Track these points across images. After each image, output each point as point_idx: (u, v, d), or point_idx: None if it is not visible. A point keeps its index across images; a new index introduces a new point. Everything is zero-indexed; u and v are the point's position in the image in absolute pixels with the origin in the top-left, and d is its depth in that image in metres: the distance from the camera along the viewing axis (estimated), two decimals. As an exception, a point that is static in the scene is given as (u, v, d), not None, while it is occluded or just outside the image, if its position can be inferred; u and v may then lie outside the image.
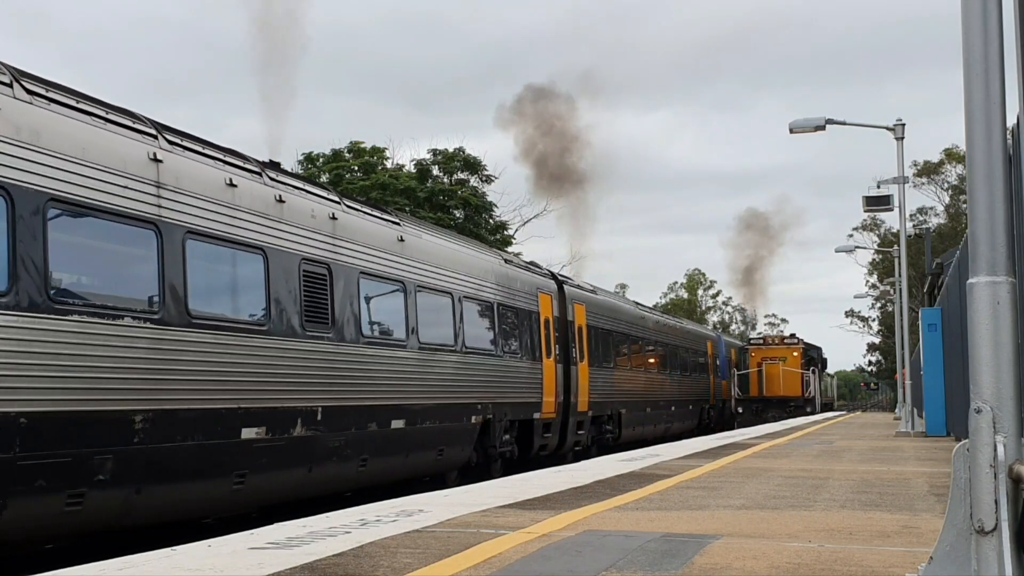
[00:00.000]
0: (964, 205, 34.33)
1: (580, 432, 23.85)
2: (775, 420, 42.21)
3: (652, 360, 32.98)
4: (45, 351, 8.78)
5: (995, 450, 4.26)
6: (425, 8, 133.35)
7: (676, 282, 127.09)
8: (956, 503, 4.34)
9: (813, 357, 50.81)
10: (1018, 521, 4.25)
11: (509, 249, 44.84)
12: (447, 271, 17.25)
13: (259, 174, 12.51)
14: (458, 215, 46.42)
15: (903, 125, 28.21)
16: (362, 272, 14.24)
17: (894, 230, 65.32)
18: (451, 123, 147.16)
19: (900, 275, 40.49)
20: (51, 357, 8.81)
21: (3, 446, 8.23)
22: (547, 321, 21.98)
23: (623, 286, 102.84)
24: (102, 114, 10.04)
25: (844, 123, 28.55)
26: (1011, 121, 8.37)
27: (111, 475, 9.28)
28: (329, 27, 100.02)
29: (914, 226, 70.98)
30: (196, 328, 10.65)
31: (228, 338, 11.19)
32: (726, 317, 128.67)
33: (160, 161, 10.46)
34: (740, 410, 46.24)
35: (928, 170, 78.01)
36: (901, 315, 41.99)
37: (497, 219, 49.93)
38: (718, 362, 45.45)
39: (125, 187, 9.90)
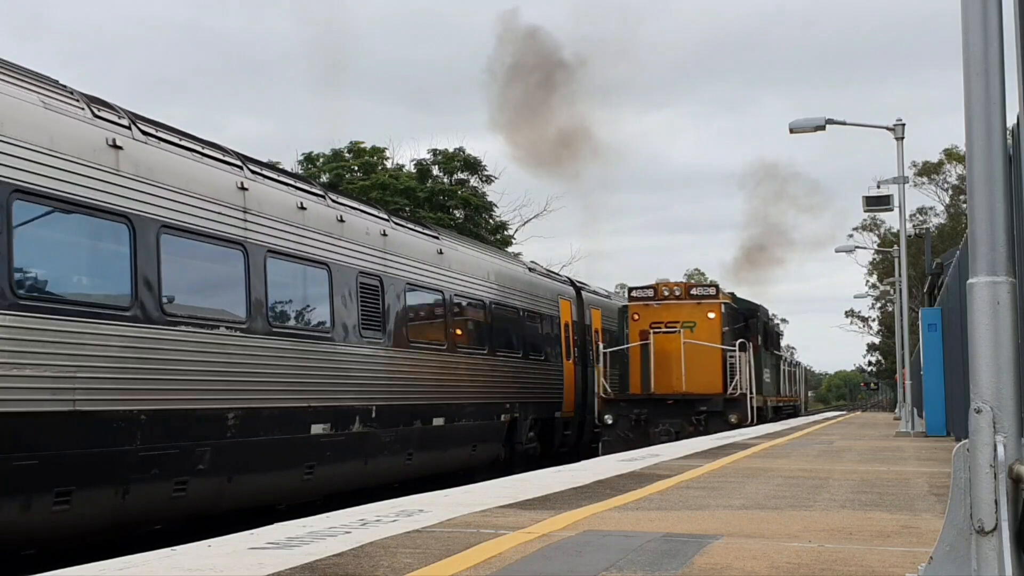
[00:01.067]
0: (964, 205, 34.35)
1: (596, 430, 24.53)
2: (667, 439, 22.95)
3: None
4: (160, 357, 10.22)
5: (995, 450, 4.26)
6: (426, 7, 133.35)
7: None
8: (956, 503, 4.33)
9: (747, 324, 27.94)
10: (1018, 521, 4.25)
11: (509, 249, 44.81)
12: (480, 280, 18.79)
13: (323, 197, 14.08)
14: (458, 215, 46.40)
15: (903, 125, 28.22)
16: (408, 283, 15.87)
17: (894, 230, 65.32)
18: (451, 122, 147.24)
19: (900, 275, 40.47)
20: (165, 362, 10.29)
21: (128, 439, 9.64)
22: (567, 325, 23.39)
23: (623, 286, 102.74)
24: (199, 149, 11.51)
25: (844, 123, 28.55)
26: (1011, 121, 8.37)
27: (209, 466, 10.78)
28: (329, 26, 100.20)
29: (914, 226, 71.01)
30: (275, 336, 12.24)
31: (301, 344, 12.79)
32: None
33: (246, 189, 12.01)
34: (609, 420, 24.15)
35: (928, 170, 78.02)
36: (901, 315, 42.00)
37: (497, 219, 49.92)
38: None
39: (220, 213, 11.44)
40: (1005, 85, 4.54)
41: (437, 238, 17.59)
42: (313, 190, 13.90)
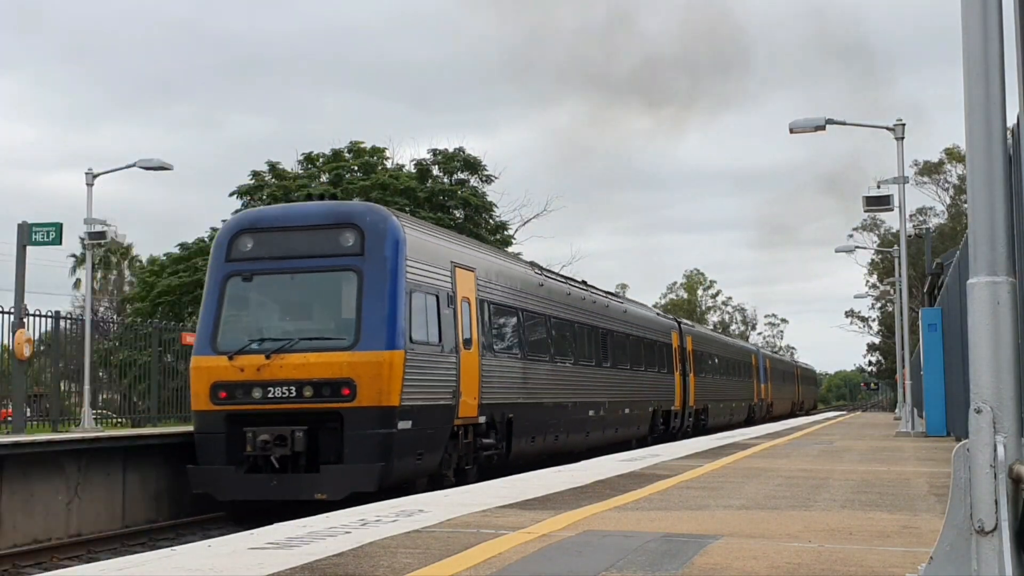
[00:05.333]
0: (965, 205, 34.21)
1: (689, 419, 36.06)
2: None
3: (723, 370, 45.33)
4: (556, 378, 22.85)
5: (995, 450, 4.26)
6: (426, 6, 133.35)
7: (676, 282, 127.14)
8: (956, 503, 4.33)
9: None
10: (1018, 521, 4.25)
11: (509, 249, 44.82)
12: (637, 324, 30.81)
13: (564, 281, 25.26)
14: (458, 215, 46.35)
15: (903, 125, 28.17)
16: (610, 329, 27.19)
17: (894, 230, 65.25)
18: (453, 120, 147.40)
19: (900, 275, 40.44)
20: (557, 379, 22.86)
21: (551, 415, 21.77)
22: (674, 349, 35.35)
23: (623, 286, 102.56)
24: (556, 278, 24.48)
25: (844, 123, 28.53)
26: (1011, 121, 8.36)
27: (564, 427, 22.39)
28: (330, 25, 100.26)
29: (914, 226, 70.88)
30: (580, 366, 24.44)
31: (585, 370, 24.54)
32: (726, 317, 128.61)
33: (569, 294, 24.21)
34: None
35: (929, 169, 77.92)
36: (901, 315, 41.96)
37: (497, 219, 49.85)
38: (759, 370, 56.62)
39: (567, 308, 23.85)
40: (1005, 85, 4.54)
41: (621, 300, 31.15)
42: (552, 276, 24.87)
